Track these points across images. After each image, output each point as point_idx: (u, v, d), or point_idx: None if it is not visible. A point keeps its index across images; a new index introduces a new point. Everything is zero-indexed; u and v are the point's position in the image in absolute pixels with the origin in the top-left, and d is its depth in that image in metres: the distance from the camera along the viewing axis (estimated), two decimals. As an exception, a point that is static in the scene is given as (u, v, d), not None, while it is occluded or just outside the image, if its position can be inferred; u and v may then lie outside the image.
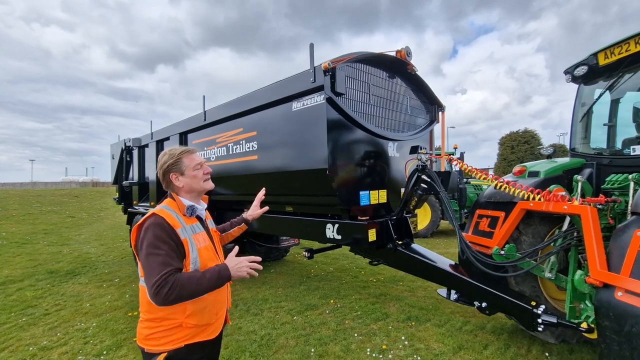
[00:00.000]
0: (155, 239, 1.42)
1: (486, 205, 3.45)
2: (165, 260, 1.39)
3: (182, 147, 1.69)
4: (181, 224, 1.53)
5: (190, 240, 1.53)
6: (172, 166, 1.61)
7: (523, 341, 3.34)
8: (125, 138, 7.38)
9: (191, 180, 1.63)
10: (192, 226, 1.60)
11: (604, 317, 2.06)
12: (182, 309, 1.48)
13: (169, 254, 1.41)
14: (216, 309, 1.62)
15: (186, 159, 1.63)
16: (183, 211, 1.60)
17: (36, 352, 3.41)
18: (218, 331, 1.65)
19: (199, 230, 1.63)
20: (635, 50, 2.71)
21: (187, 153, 1.65)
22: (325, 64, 3.00)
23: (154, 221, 1.47)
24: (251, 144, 4.01)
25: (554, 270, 2.88)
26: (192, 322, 1.51)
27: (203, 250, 1.57)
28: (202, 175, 1.68)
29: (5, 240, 9.92)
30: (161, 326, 1.48)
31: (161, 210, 1.53)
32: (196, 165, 1.65)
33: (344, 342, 3.40)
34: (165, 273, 1.35)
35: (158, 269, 1.36)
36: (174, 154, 1.63)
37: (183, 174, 1.62)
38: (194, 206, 1.63)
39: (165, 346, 1.48)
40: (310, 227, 3.97)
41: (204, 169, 1.69)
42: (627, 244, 2.04)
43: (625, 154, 2.99)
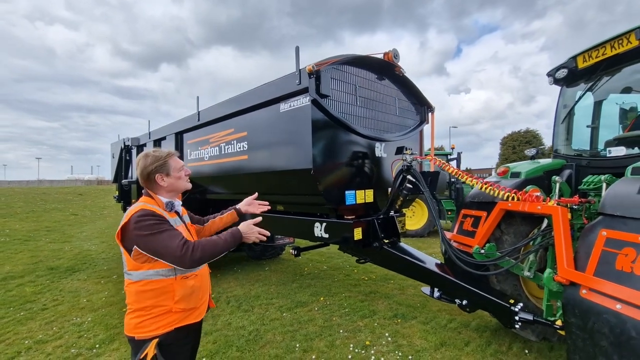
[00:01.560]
0: (155, 223, 1.57)
1: (470, 205, 3.52)
2: (174, 233, 1.56)
3: (166, 150, 1.82)
4: (166, 216, 1.68)
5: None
6: (160, 168, 1.73)
7: (505, 339, 3.40)
8: (125, 137, 7.51)
9: (175, 180, 1.78)
10: (173, 220, 1.73)
11: (570, 314, 2.13)
12: (171, 295, 1.62)
13: (173, 230, 1.59)
14: (201, 293, 1.79)
15: (172, 161, 1.78)
16: (163, 207, 1.72)
17: (31, 345, 3.53)
18: (203, 314, 1.81)
19: (179, 224, 1.78)
20: (611, 54, 2.77)
21: (172, 156, 1.80)
22: (309, 66, 3.08)
23: (144, 212, 1.59)
24: (242, 144, 4.10)
25: (533, 269, 2.94)
26: (180, 307, 1.64)
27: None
28: (185, 176, 1.85)
29: (8, 237, 10.11)
30: (151, 314, 1.60)
31: (144, 205, 1.65)
32: (180, 167, 1.82)
33: (329, 338, 3.48)
34: (182, 239, 1.53)
35: (173, 239, 1.53)
36: (161, 157, 1.75)
37: (169, 175, 1.76)
38: (172, 202, 1.78)
39: (155, 332, 1.60)
40: (300, 226, 4.05)
41: (185, 171, 1.86)
42: (592, 243, 2.10)
43: (602, 155, 3.05)
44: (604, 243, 2.05)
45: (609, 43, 2.77)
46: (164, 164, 1.75)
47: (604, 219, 2.14)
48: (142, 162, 1.75)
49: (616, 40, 2.75)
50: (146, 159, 1.74)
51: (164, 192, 1.77)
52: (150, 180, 1.74)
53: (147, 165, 1.72)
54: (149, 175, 1.73)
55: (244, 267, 6.46)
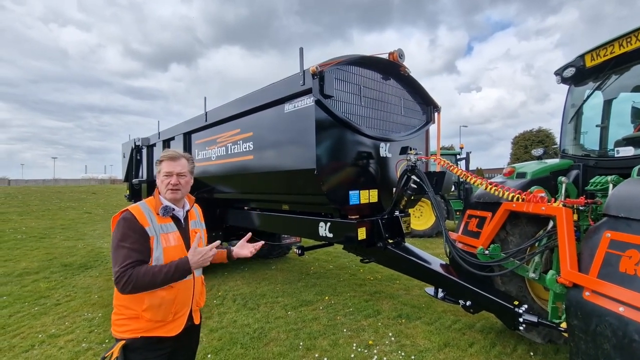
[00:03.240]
0: (123, 233, 1.55)
1: (475, 206, 3.49)
2: (128, 254, 1.51)
3: (171, 151, 1.77)
4: (150, 222, 1.62)
5: (157, 238, 1.61)
6: (157, 166, 1.75)
7: (510, 340, 3.37)
8: (135, 137, 7.66)
9: (159, 183, 1.73)
10: (164, 225, 1.67)
11: (573, 317, 2.10)
12: (140, 301, 1.58)
13: (133, 248, 1.53)
14: (174, 308, 1.66)
15: (165, 163, 1.72)
16: (157, 210, 1.68)
17: (45, 339, 3.65)
18: (177, 330, 1.67)
19: (171, 230, 1.69)
20: (619, 52, 2.71)
21: (167, 159, 1.72)
22: (313, 67, 3.10)
23: (124, 216, 1.60)
24: (247, 144, 4.15)
25: (538, 270, 2.91)
26: (147, 316, 1.58)
27: (170, 249, 1.64)
28: (167, 185, 1.69)
29: (25, 234, 10.41)
30: (123, 314, 1.61)
31: (135, 206, 1.65)
32: (165, 173, 1.70)
33: (332, 337, 3.51)
34: (125, 265, 1.48)
35: (121, 260, 1.49)
36: (159, 158, 1.75)
37: (159, 177, 1.74)
38: (168, 207, 1.70)
39: (124, 334, 1.59)
40: (304, 226, 4.09)
41: (172, 180, 1.69)
42: (596, 245, 2.07)
43: (610, 155, 2.99)
44: (607, 245, 2.02)
45: (618, 41, 2.71)
46: (159, 164, 1.73)
47: (608, 221, 2.11)
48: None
49: (625, 38, 2.70)
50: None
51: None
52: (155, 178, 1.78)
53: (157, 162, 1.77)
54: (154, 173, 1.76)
55: (251, 265, 6.53)
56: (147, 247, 1.59)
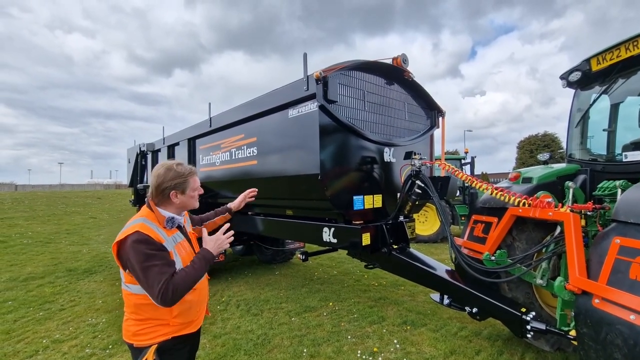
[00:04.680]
0: (146, 254, 1.50)
1: (481, 211, 3.45)
2: (162, 270, 1.49)
3: (189, 167, 1.76)
4: (164, 238, 1.61)
5: (175, 252, 1.64)
6: (179, 185, 1.67)
7: (517, 348, 3.31)
8: (140, 143, 7.71)
9: (188, 199, 1.73)
10: (174, 236, 1.69)
11: (582, 324, 2.06)
12: (169, 311, 1.62)
13: (163, 264, 1.52)
14: (199, 307, 1.79)
15: (192, 180, 1.74)
16: (163, 223, 1.66)
17: (49, 344, 3.65)
18: (199, 324, 1.82)
19: (180, 239, 1.73)
20: (626, 56, 2.69)
21: (193, 174, 1.76)
22: (317, 73, 3.10)
23: (139, 238, 1.53)
24: (251, 150, 4.16)
25: (546, 276, 2.86)
26: (178, 321, 1.66)
27: (185, 257, 1.69)
28: (196, 196, 1.81)
29: (31, 239, 10.49)
30: (149, 324, 1.62)
31: (142, 225, 1.57)
32: (197, 187, 1.78)
33: (336, 344, 3.47)
34: (165, 281, 1.47)
35: (158, 278, 1.47)
36: (183, 174, 1.69)
37: (184, 193, 1.70)
38: (174, 218, 1.70)
39: (153, 340, 1.61)
40: (308, 231, 4.07)
41: (199, 191, 1.83)
42: (605, 251, 2.04)
43: (618, 160, 2.95)
44: (617, 251, 1.98)
45: (624, 45, 2.69)
46: (184, 182, 1.69)
47: (618, 226, 2.08)
48: (162, 174, 1.66)
49: (631, 41, 2.67)
50: (167, 173, 1.66)
51: (172, 208, 1.72)
52: (164, 195, 1.66)
53: (167, 180, 1.65)
54: (164, 190, 1.65)
55: (255, 270, 6.51)
56: (172, 260, 1.61)
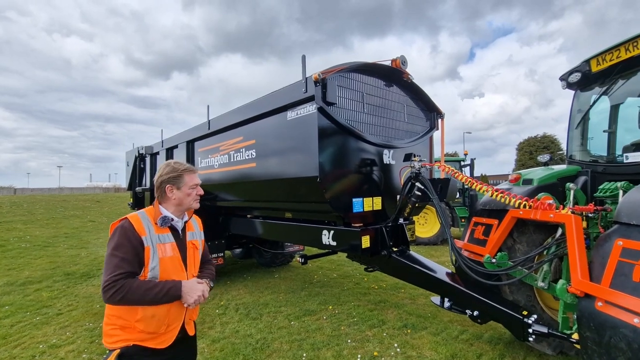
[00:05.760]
0: (118, 242, 1.53)
1: (481, 213, 3.43)
2: (120, 264, 1.49)
3: (186, 164, 1.79)
4: (147, 232, 1.60)
5: (154, 248, 1.60)
6: (173, 179, 1.70)
7: (519, 352, 3.28)
8: (139, 146, 7.69)
9: (184, 196, 1.73)
10: (162, 235, 1.66)
11: (585, 328, 2.04)
12: (133, 312, 1.56)
13: (125, 258, 1.51)
14: (168, 320, 1.63)
15: (187, 176, 1.74)
16: (156, 220, 1.66)
17: (46, 349, 3.60)
18: (168, 342, 1.65)
19: (168, 241, 1.68)
20: (626, 56, 2.68)
21: (189, 171, 1.76)
22: (315, 75, 3.09)
23: (122, 224, 1.59)
24: (250, 152, 4.14)
25: (547, 279, 2.83)
26: (140, 327, 1.57)
27: (167, 260, 1.63)
28: (195, 196, 1.78)
29: (29, 243, 10.44)
30: (115, 324, 1.58)
31: (134, 215, 1.64)
32: (193, 185, 1.76)
33: (336, 348, 3.43)
34: (116, 275, 1.46)
35: (112, 269, 1.48)
36: (178, 169, 1.73)
37: (179, 189, 1.71)
38: (167, 217, 1.69)
39: (116, 344, 1.56)
40: (308, 233, 4.04)
41: (198, 190, 1.80)
42: (607, 253, 2.01)
43: (619, 161, 2.93)
44: (620, 253, 1.96)
45: (624, 45, 2.68)
46: (179, 177, 1.71)
47: (620, 228, 2.05)
48: (161, 169, 1.75)
49: (631, 42, 2.66)
50: (165, 168, 1.74)
51: (171, 204, 1.74)
52: (161, 190, 1.72)
53: (163, 174, 1.72)
54: (161, 184, 1.71)
55: (254, 274, 6.47)
56: (141, 259, 1.56)
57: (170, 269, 1.63)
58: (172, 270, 1.64)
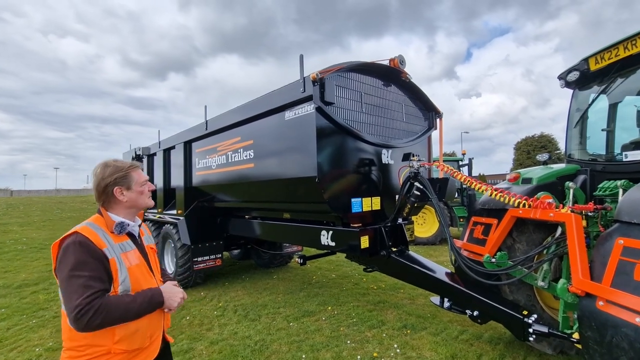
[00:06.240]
0: (77, 259, 1.32)
1: (481, 212, 3.42)
2: (88, 283, 1.29)
3: (128, 161, 1.60)
4: (107, 243, 1.42)
5: (119, 259, 1.43)
6: (120, 180, 1.51)
7: (519, 351, 3.26)
8: (136, 147, 7.64)
9: (137, 196, 1.56)
10: (122, 244, 1.49)
11: (586, 327, 2.02)
12: (110, 334, 1.36)
13: (93, 276, 1.31)
14: (150, 331, 1.50)
15: (135, 173, 1.57)
16: (111, 228, 1.48)
17: (42, 352, 3.56)
18: (155, 353, 1.54)
19: (130, 248, 1.52)
20: (624, 55, 2.67)
21: (135, 168, 1.59)
22: (313, 74, 3.08)
23: (75, 239, 1.36)
24: (248, 153, 4.12)
25: (547, 278, 2.82)
26: (122, 348, 1.39)
27: (134, 269, 1.48)
28: (148, 192, 1.62)
29: (25, 245, 10.36)
30: (86, 355, 1.34)
31: (84, 228, 1.42)
32: (143, 182, 1.60)
33: (335, 349, 3.41)
34: (89, 296, 1.26)
35: (80, 291, 1.26)
36: (122, 168, 1.54)
37: (130, 189, 1.54)
38: (123, 223, 1.52)
39: None
40: (306, 234, 4.02)
41: (148, 186, 1.64)
42: (608, 252, 2.00)
43: (618, 160, 2.93)
44: (620, 252, 1.95)
45: (622, 44, 2.68)
46: (126, 176, 1.53)
47: (621, 227, 2.04)
48: (100, 172, 1.51)
49: (629, 41, 2.66)
50: (105, 169, 1.51)
51: (121, 208, 1.54)
52: (107, 194, 1.50)
53: (106, 176, 1.50)
54: (106, 188, 1.49)
55: (252, 275, 6.44)
56: (108, 273, 1.38)
57: (140, 278, 1.49)
58: (142, 279, 1.50)
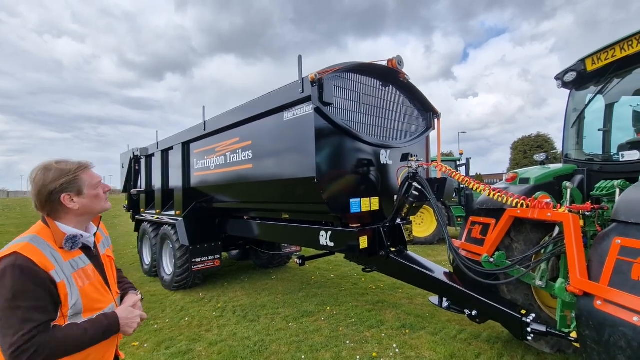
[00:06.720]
0: (15, 288, 1.11)
1: (479, 212, 3.43)
2: (27, 316, 1.10)
3: (76, 162, 1.37)
4: (55, 264, 1.21)
5: (70, 281, 1.23)
6: (67, 185, 1.28)
7: (517, 350, 3.28)
8: (134, 148, 7.62)
9: (91, 200, 1.34)
10: (74, 261, 1.28)
11: (584, 327, 2.04)
12: None
13: (34, 306, 1.12)
14: (102, 352, 1.34)
15: (85, 175, 1.34)
16: (60, 243, 1.26)
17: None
18: None
19: (83, 264, 1.31)
20: (621, 55, 2.69)
21: (84, 168, 1.36)
22: (312, 75, 3.08)
23: (14, 262, 1.13)
24: (246, 153, 4.11)
25: (545, 278, 2.84)
26: None
27: (88, 288, 1.29)
28: (104, 195, 1.41)
29: (22, 246, 10.31)
30: None
31: (26, 246, 1.18)
32: (97, 183, 1.38)
33: (335, 350, 3.41)
34: (28, 332, 1.08)
35: (17, 326, 1.08)
36: (69, 170, 1.31)
37: (81, 194, 1.31)
38: (76, 237, 1.29)
39: None
40: (305, 234, 4.02)
41: (103, 187, 1.42)
42: (606, 252, 2.02)
43: (615, 160, 2.95)
44: (618, 252, 1.96)
45: (619, 45, 2.70)
46: (74, 180, 1.30)
47: (618, 227, 2.06)
48: (41, 177, 1.27)
49: (626, 41, 2.68)
50: (46, 174, 1.27)
51: (72, 217, 1.32)
52: (53, 203, 1.27)
53: (49, 182, 1.26)
54: (51, 196, 1.26)
55: (251, 275, 6.43)
56: (54, 301, 1.19)
57: (94, 297, 1.31)
58: (97, 296, 1.33)
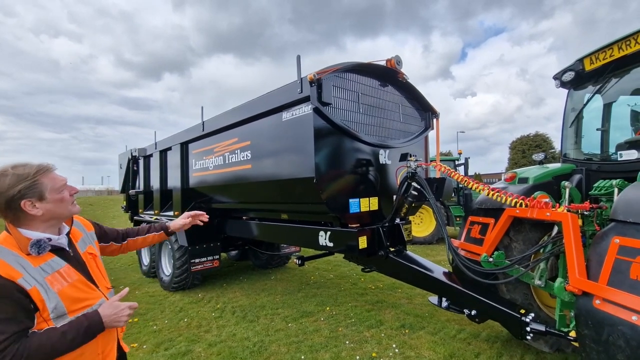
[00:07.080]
0: None
1: (477, 212, 3.44)
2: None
3: (35, 165, 1.27)
4: (23, 271, 1.15)
5: (43, 285, 1.18)
6: (26, 191, 1.20)
7: (517, 350, 3.29)
8: (132, 148, 7.60)
9: (55, 205, 1.26)
10: (46, 264, 1.22)
11: (583, 326, 2.04)
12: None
13: (4, 319, 1.08)
14: (100, 348, 1.31)
15: (46, 178, 1.25)
16: (26, 249, 1.19)
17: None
18: None
19: (58, 267, 1.25)
20: (619, 55, 2.70)
21: (44, 171, 1.27)
22: (310, 75, 3.07)
23: None
24: (245, 154, 4.10)
25: (544, 277, 2.84)
26: None
27: (68, 290, 1.24)
28: (70, 197, 1.33)
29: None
30: None
31: None
32: (61, 186, 1.30)
33: (334, 350, 3.41)
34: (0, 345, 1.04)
35: None
36: (27, 175, 1.21)
37: (43, 199, 1.23)
38: (41, 241, 1.22)
39: None
40: (304, 235, 4.02)
41: (70, 189, 1.34)
42: (604, 251, 2.02)
43: (613, 159, 2.96)
44: (617, 251, 1.97)
45: (617, 44, 2.71)
46: (34, 185, 1.21)
47: (617, 226, 2.06)
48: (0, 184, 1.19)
49: (624, 41, 2.69)
50: (2, 180, 1.19)
51: (38, 222, 1.25)
52: (14, 210, 1.20)
53: (5, 189, 1.17)
54: (10, 203, 1.18)
55: (250, 276, 6.43)
56: (27, 308, 1.14)
57: (76, 296, 1.26)
58: (80, 296, 1.28)
